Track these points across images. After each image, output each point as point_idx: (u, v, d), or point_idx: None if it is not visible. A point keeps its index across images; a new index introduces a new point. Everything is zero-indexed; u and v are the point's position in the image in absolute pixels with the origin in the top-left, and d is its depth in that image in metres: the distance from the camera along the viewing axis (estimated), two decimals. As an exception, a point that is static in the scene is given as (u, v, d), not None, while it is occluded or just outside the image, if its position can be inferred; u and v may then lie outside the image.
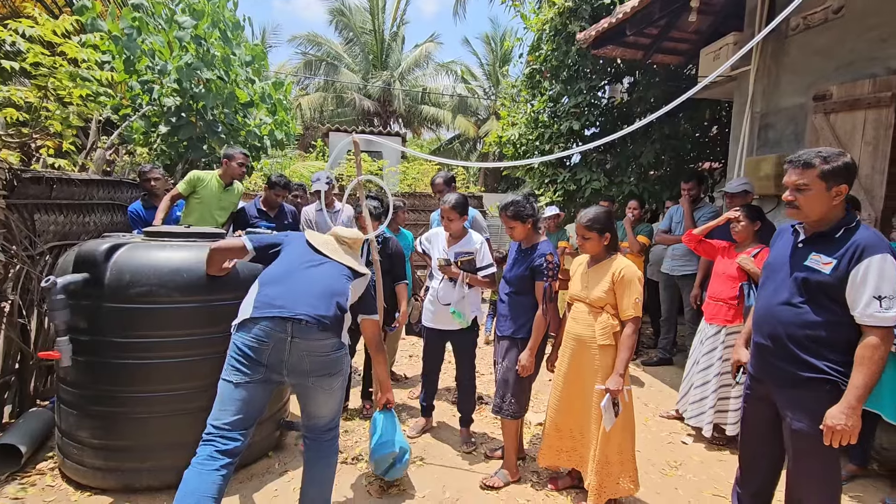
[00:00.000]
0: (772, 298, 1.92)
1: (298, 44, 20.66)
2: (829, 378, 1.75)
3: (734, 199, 3.70)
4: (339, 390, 2.11)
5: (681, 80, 6.62)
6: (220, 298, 2.54)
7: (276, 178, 3.96)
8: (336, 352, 2.04)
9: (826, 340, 1.77)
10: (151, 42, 4.86)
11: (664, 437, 3.43)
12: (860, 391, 1.66)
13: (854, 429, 1.68)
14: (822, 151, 1.77)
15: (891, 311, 1.65)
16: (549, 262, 2.59)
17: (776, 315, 1.88)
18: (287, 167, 12.90)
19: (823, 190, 1.75)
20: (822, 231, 1.82)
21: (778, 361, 1.88)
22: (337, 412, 2.16)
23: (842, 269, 1.72)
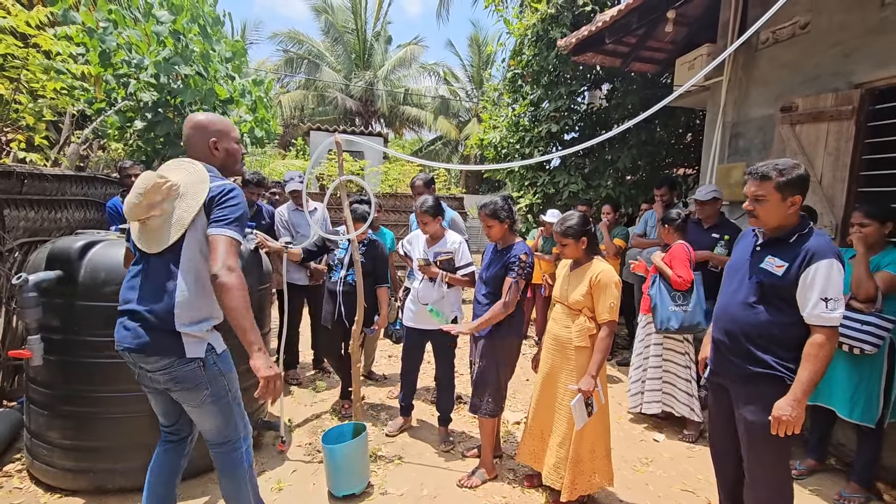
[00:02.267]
0: (730, 298, 2.05)
1: (280, 41, 20.42)
2: (777, 373, 1.88)
3: (704, 206, 3.83)
4: (211, 405, 1.84)
5: (657, 87, 6.80)
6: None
7: (250, 175, 3.92)
8: (180, 367, 1.76)
9: (777, 338, 1.89)
10: (128, 35, 4.76)
11: (636, 434, 3.53)
12: (805, 385, 1.79)
13: (798, 419, 1.80)
14: (778, 164, 1.89)
15: (835, 312, 1.78)
16: (522, 262, 2.64)
17: (732, 313, 2.02)
18: (266, 165, 12.74)
19: (779, 200, 1.87)
20: (778, 236, 1.94)
21: (733, 357, 2.01)
22: (222, 427, 1.90)
23: (793, 271, 1.84)
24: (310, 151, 13.45)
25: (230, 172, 2.01)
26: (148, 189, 1.72)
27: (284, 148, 17.41)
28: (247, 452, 1.99)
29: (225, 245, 1.71)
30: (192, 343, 1.78)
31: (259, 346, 1.73)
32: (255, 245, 2.96)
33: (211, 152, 1.92)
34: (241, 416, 1.97)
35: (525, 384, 4.40)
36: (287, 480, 2.74)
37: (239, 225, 1.78)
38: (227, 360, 1.93)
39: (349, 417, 3.47)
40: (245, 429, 1.99)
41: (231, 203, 1.78)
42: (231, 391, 1.91)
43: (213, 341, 1.86)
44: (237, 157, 2.03)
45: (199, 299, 1.79)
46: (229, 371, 1.92)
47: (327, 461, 2.57)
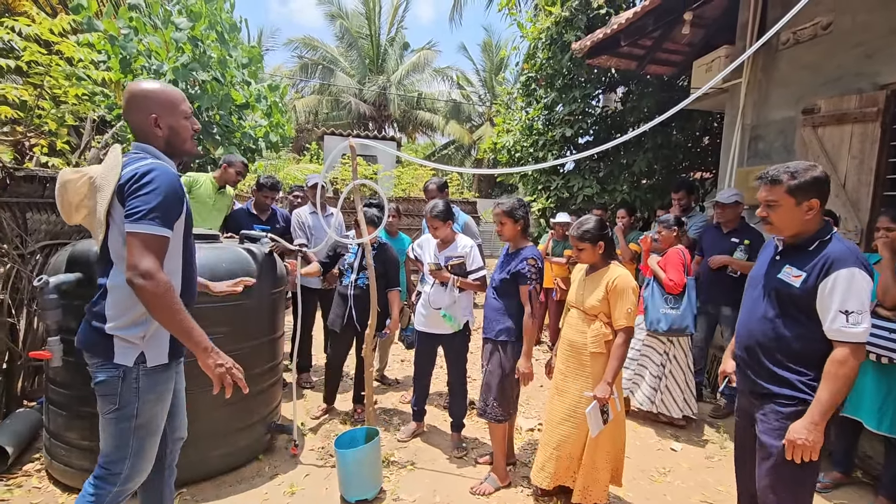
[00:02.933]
0: (749, 311, 1.92)
1: (295, 47, 20.69)
2: (799, 393, 1.73)
3: (725, 209, 3.76)
4: (111, 423, 1.61)
5: (674, 90, 6.71)
6: (214, 299, 2.53)
7: (264, 179, 3.96)
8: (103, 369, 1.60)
9: (799, 355, 1.74)
10: (148, 42, 4.85)
11: (653, 443, 3.46)
12: (824, 406, 1.63)
13: (816, 444, 1.64)
14: (790, 167, 1.76)
15: (858, 327, 1.61)
16: (532, 266, 2.62)
17: (751, 328, 1.88)
18: (280, 169, 12.87)
19: (793, 205, 1.74)
20: (797, 244, 1.80)
21: (752, 374, 1.87)
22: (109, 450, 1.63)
23: (811, 282, 1.70)
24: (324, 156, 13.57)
25: (179, 152, 1.73)
26: (59, 189, 1.58)
27: (298, 152, 17.58)
28: (114, 497, 1.65)
29: (136, 244, 1.47)
30: (122, 347, 1.59)
31: (204, 346, 1.55)
32: (269, 249, 2.97)
33: (151, 129, 1.64)
34: (138, 456, 1.65)
35: (539, 390, 4.35)
36: (300, 484, 2.73)
37: (156, 215, 1.50)
38: (156, 381, 1.65)
39: (362, 422, 3.46)
40: (131, 471, 1.65)
41: (143, 191, 1.50)
42: (138, 419, 1.62)
43: (149, 350, 1.62)
44: (185, 134, 1.72)
45: (129, 300, 1.57)
46: (150, 394, 1.64)
47: (340, 466, 2.56)
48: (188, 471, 2.59)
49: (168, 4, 5.11)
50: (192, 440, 2.56)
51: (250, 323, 2.74)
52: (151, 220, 1.49)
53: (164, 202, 1.52)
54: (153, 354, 1.63)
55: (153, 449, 1.71)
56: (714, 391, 4.37)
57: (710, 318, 4.00)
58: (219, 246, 2.74)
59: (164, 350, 1.66)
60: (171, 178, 1.57)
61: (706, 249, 3.96)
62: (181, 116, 1.69)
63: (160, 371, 1.66)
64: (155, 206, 1.50)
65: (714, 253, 3.83)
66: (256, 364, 2.82)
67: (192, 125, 1.74)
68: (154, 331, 1.63)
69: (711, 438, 3.55)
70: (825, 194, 1.75)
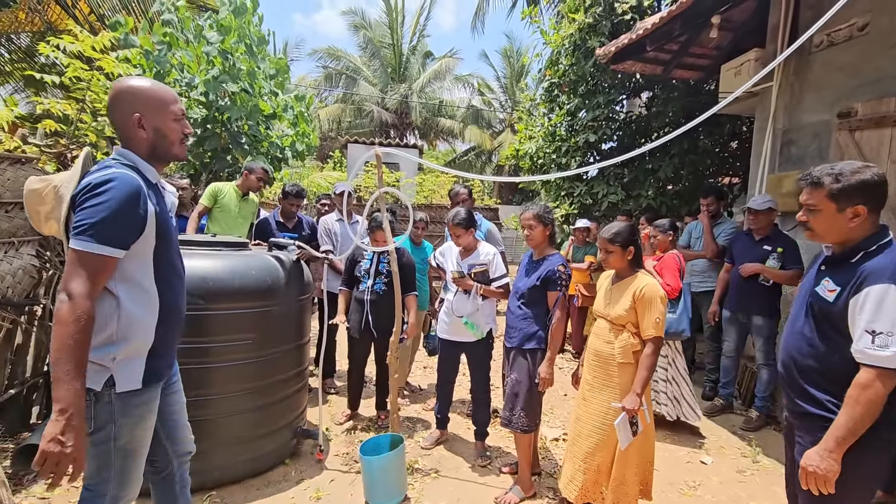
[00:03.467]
0: (790, 326, 1.82)
1: (319, 57, 21.15)
2: (830, 414, 1.58)
3: (758, 215, 3.66)
4: (90, 445, 1.47)
5: (700, 94, 6.59)
6: (244, 306, 2.60)
7: (289, 187, 4.05)
8: None
9: (833, 375, 1.60)
10: (181, 56, 5.03)
11: (682, 456, 3.37)
12: (841, 433, 1.49)
13: (829, 473, 1.50)
14: (835, 168, 1.60)
15: (886, 350, 1.44)
16: (561, 273, 2.61)
17: (788, 343, 1.78)
18: (305, 177, 13.11)
19: (834, 211, 1.59)
20: (841, 254, 1.65)
21: (789, 391, 1.77)
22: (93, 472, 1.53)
23: (844, 297, 1.56)
24: (347, 164, 13.77)
25: (165, 157, 1.60)
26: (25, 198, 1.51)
27: (322, 160, 17.89)
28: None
29: (71, 261, 1.34)
30: (91, 371, 1.41)
31: (62, 408, 1.28)
32: (296, 256, 3.03)
33: (133, 130, 1.50)
34: (122, 475, 1.55)
35: (563, 399, 4.30)
36: (325, 489, 2.76)
37: (97, 231, 1.34)
38: (131, 404, 1.51)
39: (385, 428, 3.47)
40: (118, 490, 1.56)
41: (89, 203, 1.35)
42: (117, 442, 1.51)
43: (119, 373, 1.48)
44: (173, 137, 1.57)
45: (101, 320, 1.43)
46: (127, 417, 1.51)
47: (365, 472, 2.57)
48: (217, 474, 2.65)
49: (200, 19, 5.29)
50: (220, 444, 2.64)
51: (278, 329, 2.79)
52: (90, 237, 1.33)
53: (113, 217, 1.36)
54: (123, 379, 1.48)
55: (139, 468, 1.62)
56: (745, 403, 4.24)
57: (741, 327, 3.89)
58: (248, 253, 2.80)
59: (138, 375, 1.52)
60: (130, 192, 1.40)
61: (737, 257, 3.86)
62: (170, 118, 1.56)
63: (134, 395, 1.51)
64: (99, 221, 1.34)
65: (745, 261, 3.73)
66: (283, 369, 2.86)
67: (184, 128, 1.61)
68: (127, 353, 1.49)
69: (743, 451, 3.44)
70: (877, 199, 1.57)
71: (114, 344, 1.47)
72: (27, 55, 7.15)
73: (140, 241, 1.46)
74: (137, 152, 1.53)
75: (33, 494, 2.53)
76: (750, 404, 4.10)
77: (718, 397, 4.12)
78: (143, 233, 1.46)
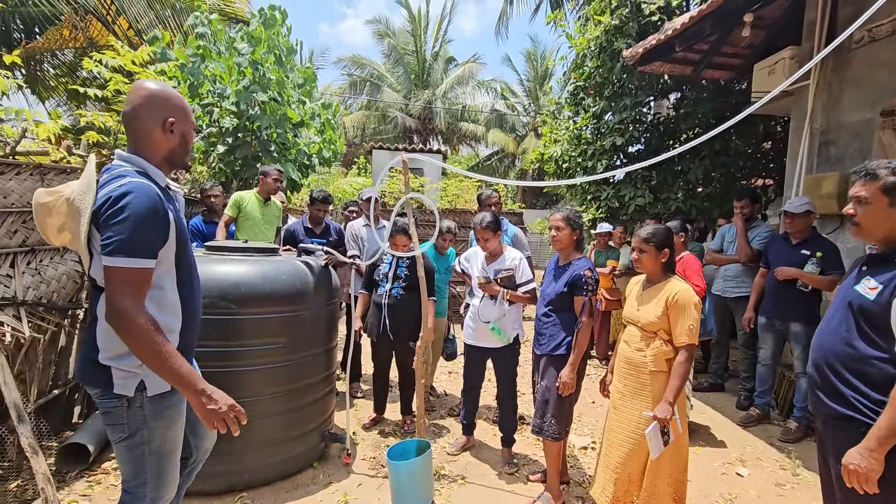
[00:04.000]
0: (825, 325, 1.77)
1: (344, 65, 21.49)
2: (867, 419, 1.55)
3: (795, 219, 3.53)
4: (124, 450, 1.54)
5: (731, 95, 6.42)
6: (275, 311, 2.65)
7: (316, 193, 4.14)
8: (105, 400, 1.51)
9: (870, 377, 1.57)
10: (213, 68, 5.20)
11: (717, 467, 3.26)
12: (883, 433, 1.47)
13: (870, 472, 1.49)
14: (892, 162, 1.59)
15: None
16: (588, 277, 2.57)
17: (822, 343, 1.74)
18: (331, 183, 13.32)
19: (885, 206, 1.58)
20: (886, 253, 1.63)
21: (821, 394, 1.72)
22: (129, 476, 1.58)
23: (885, 295, 1.53)
24: (372, 170, 13.92)
25: (179, 164, 1.62)
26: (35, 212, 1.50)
27: (347, 166, 18.15)
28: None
29: (113, 280, 1.36)
30: (121, 378, 1.48)
31: (195, 388, 1.43)
32: (324, 261, 3.07)
33: (160, 135, 1.51)
34: (158, 477, 1.59)
35: (591, 406, 4.22)
36: (353, 493, 2.78)
37: (131, 246, 1.36)
38: (163, 405, 1.55)
39: (411, 433, 3.48)
40: (156, 491, 1.60)
41: (116, 220, 1.36)
42: (150, 444, 1.55)
43: (148, 378, 1.51)
44: (190, 145, 1.62)
45: None
46: (158, 420, 1.55)
47: (393, 478, 2.58)
48: (248, 476, 2.70)
49: (231, 31, 5.47)
50: (251, 446, 2.69)
51: (307, 333, 2.83)
52: (124, 253, 1.35)
53: (141, 230, 1.38)
54: (153, 383, 1.52)
55: (174, 469, 1.65)
56: (783, 413, 4.08)
57: (779, 334, 3.75)
58: (278, 259, 2.86)
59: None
60: (149, 202, 1.41)
61: (772, 262, 3.73)
62: (191, 127, 1.61)
63: (166, 397, 1.55)
64: (130, 237, 1.36)
65: (781, 265, 3.60)
66: (312, 373, 2.90)
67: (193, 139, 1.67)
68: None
69: (782, 463, 3.31)
70: None
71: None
72: (70, 70, 7.52)
73: (164, 248, 1.48)
74: (150, 157, 1.52)
75: (75, 491, 2.63)
76: (788, 414, 3.94)
77: (754, 407, 3.97)
78: (167, 239, 1.49)
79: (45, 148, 2.92)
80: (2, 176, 2.51)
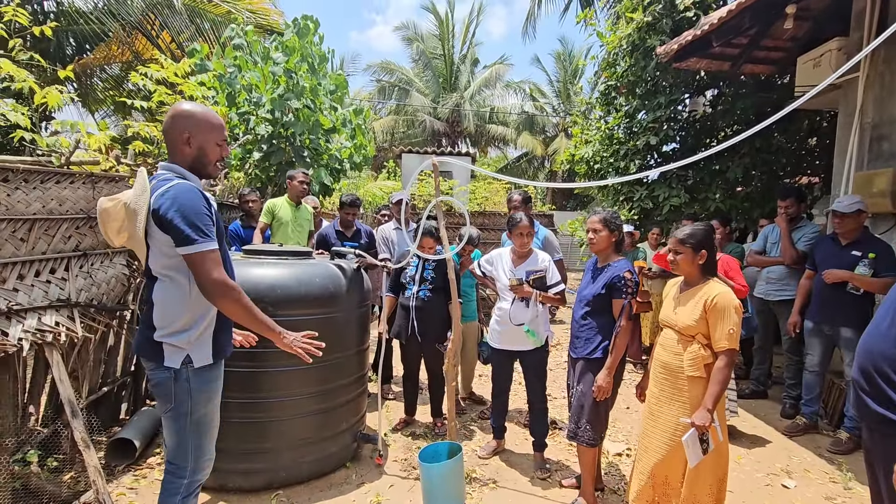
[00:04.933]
0: (874, 326, 1.68)
1: (373, 71, 21.85)
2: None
3: (845, 219, 3.35)
4: (170, 420, 1.79)
5: (773, 90, 6.17)
6: (309, 313, 2.71)
7: (345, 197, 4.22)
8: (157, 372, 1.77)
9: None
10: (249, 77, 5.38)
11: (760, 478, 3.12)
12: None
13: None
14: None
15: None
16: (628, 280, 2.51)
17: (871, 346, 1.65)
18: (361, 187, 13.54)
19: None
20: None
21: (868, 399, 1.63)
22: (173, 446, 1.82)
23: None
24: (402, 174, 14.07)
25: (202, 173, 1.82)
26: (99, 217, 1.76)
27: (377, 171, 18.40)
28: (186, 487, 1.83)
29: (196, 264, 1.63)
30: (170, 352, 1.74)
31: (277, 331, 1.80)
32: (356, 264, 3.12)
33: (181, 146, 1.75)
34: (198, 449, 1.83)
35: (625, 412, 4.12)
36: (384, 494, 2.80)
37: (196, 233, 1.62)
38: (204, 379, 1.80)
39: (441, 436, 3.48)
40: (196, 463, 1.83)
41: (177, 217, 1.62)
42: (192, 416, 1.79)
43: (193, 352, 1.76)
44: (212, 156, 1.81)
45: (171, 310, 1.74)
46: (200, 392, 1.79)
47: (424, 480, 2.59)
48: (284, 474, 2.76)
49: (266, 41, 5.65)
50: (287, 445, 2.75)
51: (340, 335, 2.88)
52: (193, 242, 1.62)
53: (196, 218, 1.64)
54: (198, 356, 1.78)
55: (211, 443, 1.90)
56: (832, 423, 3.87)
57: (827, 339, 3.57)
58: (312, 262, 2.93)
59: (208, 352, 1.81)
60: (194, 194, 1.68)
61: (819, 263, 3.55)
62: (214, 140, 1.80)
63: (207, 371, 1.80)
64: (191, 225, 1.62)
65: (830, 267, 3.42)
66: (345, 374, 2.95)
67: (223, 152, 1.85)
68: (198, 336, 1.78)
69: (832, 476, 3.14)
70: None
71: (186, 330, 1.76)
72: (117, 83, 7.92)
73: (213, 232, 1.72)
74: (182, 164, 1.78)
75: (123, 484, 2.76)
76: (838, 425, 3.73)
77: (801, 415, 3.79)
78: (214, 226, 1.73)
79: (95, 157, 3.08)
80: (58, 185, 2.66)
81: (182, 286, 1.74)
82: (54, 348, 2.51)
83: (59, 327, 2.52)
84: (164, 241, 1.69)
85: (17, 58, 3.30)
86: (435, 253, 3.31)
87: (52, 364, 2.49)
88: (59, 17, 6.90)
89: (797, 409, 3.90)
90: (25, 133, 2.87)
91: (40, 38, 4.06)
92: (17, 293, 2.42)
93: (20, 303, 2.39)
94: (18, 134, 2.88)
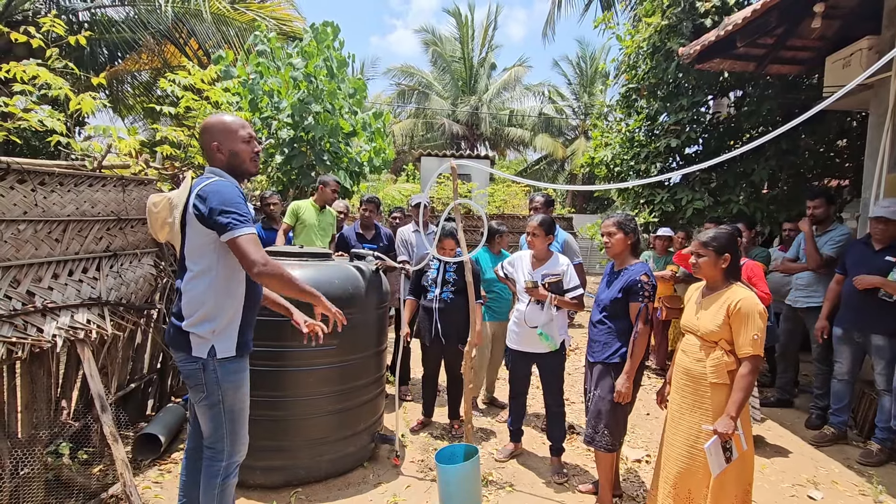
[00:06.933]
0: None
1: (393, 75, 22.04)
2: None
3: (889, 224, 3.25)
4: (205, 408, 1.92)
5: (800, 90, 6.01)
6: (328, 314, 2.74)
7: (364, 196, 4.27)
8: (186, 363, 1.89)
9: None
10: (271, 83, 5.50)
11: (786, 488, 3.04)
12: None
13: None
14: None
15: None
16: (645, 283, 2.48)
17: None
18: (380, 190, 13.65)
19: None
20: None
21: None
22: (210, 432, 1.95)
23: None
24: (420, 177, 14.14)
25: (240, 174, 1.97)
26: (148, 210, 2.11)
27: (396, 174, 18.53)
28: (225, 469, 1.96)
29: (239, 248, 1.75)
30: (197, 343, 1.85)
31: (314, 294, 1.97)
32: (375, 266, 3.16)
33: (215, 154, 1.92)
34: (233, 434, 1.96)
35: (645, 418, 4.06)
36: (401, 495, 2.82)
37: (236, 220, 1.75)
38: (230, 370, 1.91)
39: (459, 438, 3.48)
40: (232, 447, 1.97)
41: (217, 208, 1.76)
42: (224, 404, 1.92)
43: (218, 344, 1.87)
44: (244, 156, 1.95)
45: (201, 301, 1.84)
46: (228, 382, 1.91)
47: (441, 481, 2.60)
48: (303, 472, 2.81)
49: (288, 47, 5.77)
50: (306, 444, 2.80)
51: (359, 336, 2.92)
52: (233, 229, 1.75)
53: (234, 208, 1.77)
54: (222, 348, 1.88)
55: (244, 428, 2.02)
56: (862, 433, 3.74)
57: (857, 347, 3.46)
58: (331, 264, 2.97)
59: (232, 345, 1.91)
60: (231, 188, 1.84)
61: (850, 268, 3.45)
62: (240, 141, 1.93)
63: (231, 362, 1.91)
64: (231, 213, 1.76)
65: (862, 272, 3.32)
66: (363, 375, 2.98)
67: (253, 148, 1.97)
68: (222, 326, 1.88)
69: (862, 488, 3.03)
70: None
71: (210, 321, 1.86)
72: (147, 89, 8.19)
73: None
74: (219, 168, 1.94)
75: (149, 478, 2.84)
76: (868, 435, 3.60)
77: (829, 425, 3.67)
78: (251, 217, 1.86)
79: (125, 161, 3.19)
80: (90, 188, 2.77)
81: (208, 278, 1.85)
82: (86, 345, 2.61)
83: (90, 325, 2.62)
84: (198, 232, 1.83)
85: (54, 66, 3.45)
86: (455, 255, 3.33)
87: (83, 360, 2.58)
88: (93, 27, 7.17)
89: (824, 419, 3.78)
90: (61, 138, 2.99)
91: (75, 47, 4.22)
92: (52, 292, 2.52)
93: (54, 301, 2.49)
94: (55, 139, 3.01)
